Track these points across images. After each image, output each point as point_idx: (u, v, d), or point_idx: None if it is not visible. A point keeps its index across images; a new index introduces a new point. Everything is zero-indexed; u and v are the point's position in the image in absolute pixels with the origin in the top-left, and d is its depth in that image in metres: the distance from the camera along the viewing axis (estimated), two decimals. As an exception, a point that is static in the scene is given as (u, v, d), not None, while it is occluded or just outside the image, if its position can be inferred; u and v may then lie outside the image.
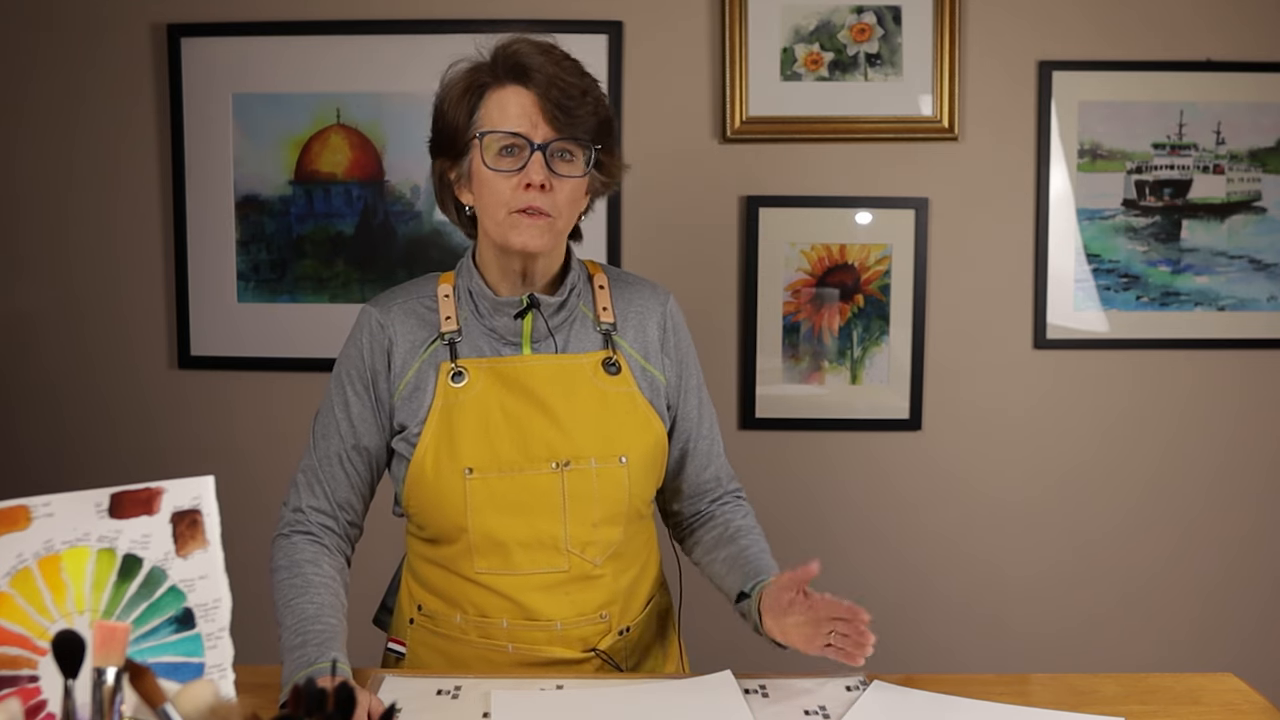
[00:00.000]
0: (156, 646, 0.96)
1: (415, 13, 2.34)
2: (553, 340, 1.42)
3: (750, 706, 1.26)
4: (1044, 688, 1.34)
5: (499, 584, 1.40)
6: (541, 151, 1.32)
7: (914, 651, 2.47)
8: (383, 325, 1.43)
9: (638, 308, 1.48)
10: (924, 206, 2.38)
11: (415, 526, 1.47)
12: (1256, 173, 2.39)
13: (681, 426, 1.50)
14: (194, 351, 2.44)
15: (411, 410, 1.41)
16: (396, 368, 1.42)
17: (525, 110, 1.32)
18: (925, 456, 2.45)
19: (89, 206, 2.44)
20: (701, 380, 1.54)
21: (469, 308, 1.43)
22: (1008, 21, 2.37)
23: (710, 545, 1.51)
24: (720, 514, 1.54)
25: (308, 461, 1.44)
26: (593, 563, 1.41)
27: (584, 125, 1.34)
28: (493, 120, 1.34)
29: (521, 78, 1.33)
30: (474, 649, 1.44)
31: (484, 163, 1.34)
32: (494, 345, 1.41)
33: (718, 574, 1.49)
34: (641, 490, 1.44)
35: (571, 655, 1.42)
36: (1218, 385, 2.44)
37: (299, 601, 1.34)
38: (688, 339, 1.53)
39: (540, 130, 1.32)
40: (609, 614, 1.44)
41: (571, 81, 1.33)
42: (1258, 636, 2.49)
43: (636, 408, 1.43)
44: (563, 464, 1.39)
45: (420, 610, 1.48)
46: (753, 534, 1.50)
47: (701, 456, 1.52)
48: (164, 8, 2.38)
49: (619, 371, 1.43)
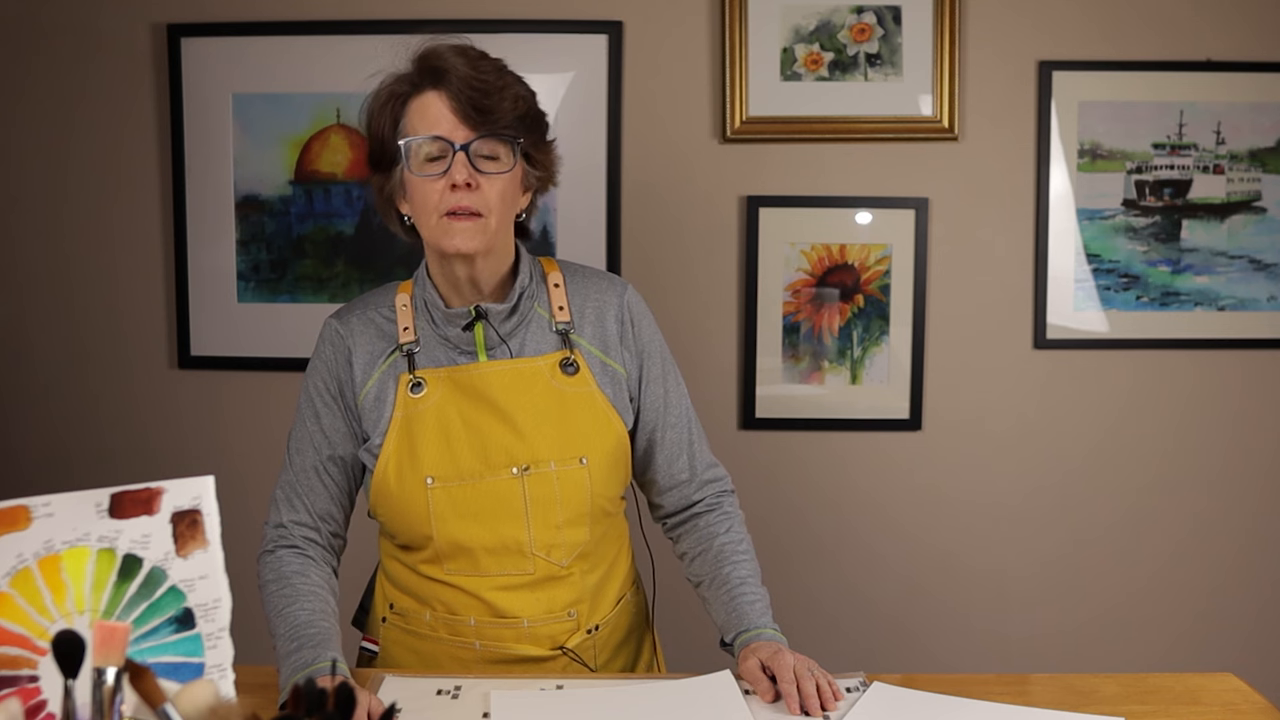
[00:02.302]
0: (156, 646, 0.96)
1: (415, 13, 2.34)
2: (507, 347, 1.42)
3: (750, 706, 1.26)
4: (1044, 688, 1.34)
5: (467, 584, 1.42)
6: (465, 151, 1.33)
7: (914, 651, 2.47)
8: (342, 335, 1.45)
9: (595, 301, 1.47)
10: (924, 206, 2.38)
11: (385, 531, 1.49)
12: (1256, 173, 2.39)
13: (646, 417, 1.49)
14: (194, 351, 2.44)
15: (373, 421, 1.42)
16: (358, 376, 1.43)
17: (443, 113, 1.34)
18: (925, 456, 2.45)
19: (89, 206, 2.44)
20: (670, 368, 1.52)
21: (425, 317, 1.44)
22: (1008, 21, 2.37)
23: (697, 567, 1.51)
24: (703, 524, 1.52)
25: (285, 477, 1.46)
26: (559, 564, 1.42)
27: (503, 121, 1.35)
28: (415, 128, 1.35)
29: (437, 82, 1.35)
30: (444, 646, 1.45)
31: (411, 170, 1.35)
32: (450, 355, 1.42)
33: (705, 601, 1.49)
34: (604, 489, 1.44)
35: (540, 653, 1.43)
36: (1218, 385, 2.44)
37: (290, 610, 1.35)
38: (650, 328, 1.51)
39: (460, 131, 1.34)
40: (577, 612, 1.44)
41: (487, 79, 1.35)
42: (1258, 636, 2.49)
43: (595, 407, 1.43)
44: (523, 469, 1.39)
45: (392, 608, 1.50)
46: (736, 555, 1.48)
47: (670, 446, 1.50)
48: (164, 8, 2.38)
49: (577, 371, 1.43)
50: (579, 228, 2.39)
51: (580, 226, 2.39)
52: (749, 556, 1.49)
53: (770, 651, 1.32)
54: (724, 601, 1.44)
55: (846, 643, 2.47)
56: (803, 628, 2.13)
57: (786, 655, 1.30)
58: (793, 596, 2.42)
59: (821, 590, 2.47)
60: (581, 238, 2.39)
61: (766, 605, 1.44)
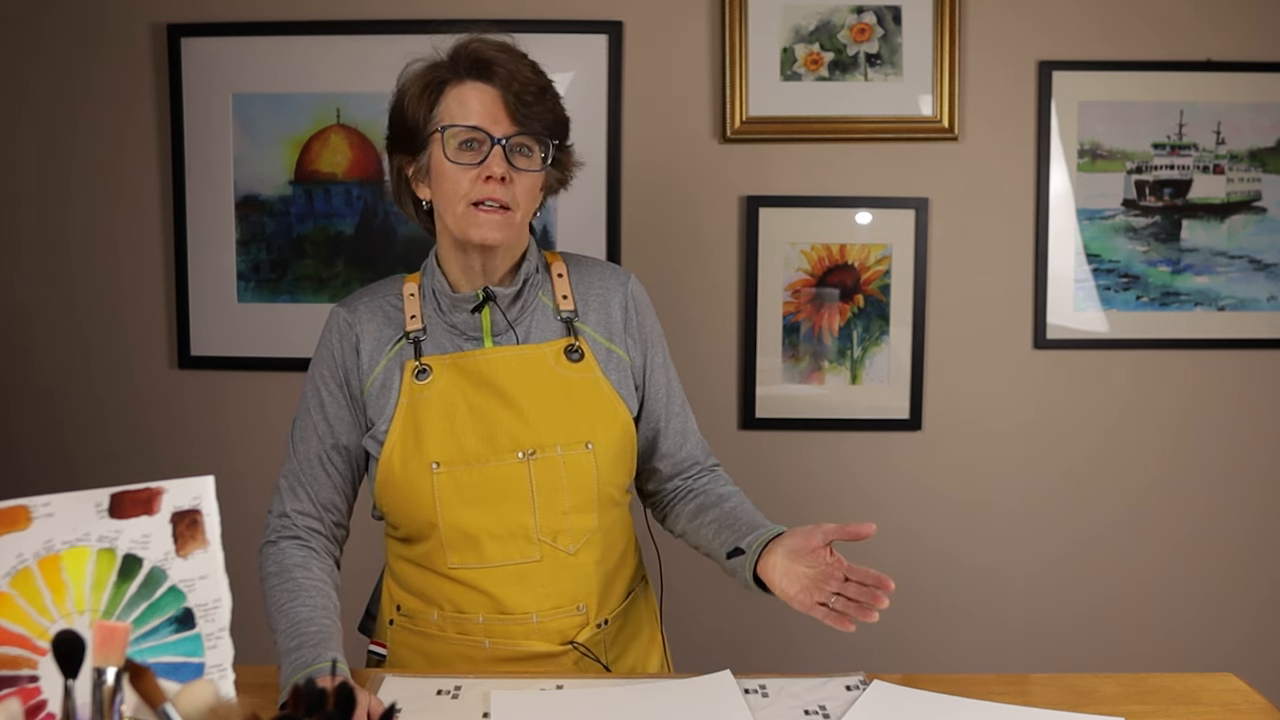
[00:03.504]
0: (156, 646, 0.96)
1: (415, 13, 2.35)
2: (513, 332, 1.43)
3: (750, 706, 1.26)
4: (1044, 688, 1.34)
5: (473, 578, 1.41)
6: (502, 145, 1.34)
7: (914, 651, 2.47)
8: (350, 324, 1.45)
9: (599, 289, 1.49)
10: (924, 206, 2.38)
11: (391, 526, 1.48)
12: (1256, 173, 2.39)
13: (651, 406, 1.50)
14: (194, 351, 2.44)
15: (379, 408, 1.42)
16: (365, 364, 1.44)
17: (486, 105, 1.35)
18: (925, 456, 2.45)
19: (89, 206, 2.44)
20: (668, 359, 1.53)
21: (432, 305, 1.44)
22: (1008, 21, 2.37)
23: (694, 513, 1.50)
24: (699, 485, 1.54)
25: (289, 466, 1.46)
26: (566, 550, 1.42)
27: (543, 121, 1.37)
28: (453, 115, 1.36)
29: (483, 74, 1.36)
30: (452, 646, 1.45)
31: (445, 156, 1.36)
32: (456, 341, 1.43)
33: (705, 537, 1.47)
34: (611, 475, 1.44)
35: (549, 649, 1.43)
36: (1218, 385, 2.44)
37: (291, 606, 1.35)
38: (652, 318, 1.52)
39: (501, 125, 1.35)
40: (586, 606, 1.44)
41: (531, 79, 1.37)
42: (1258, 636, 2.49)
43: (601, 393, 1.43)
44: (528, 453, 1.40)
45: (399, 610, 1.49)
46: (737, 497, 1.50)
47: (675, 435, 1.52)
48: (164, 8, 2.38)
49: (582, 358, 1.43)
50: (579, 227, 2.39)
51: (580, 226, 2.39)
52: (747, 500, 1.50)
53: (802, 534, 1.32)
54: (730, 523, 1.43)
55: (846, 642, 2.46)
56: (803, 627, 2.13)
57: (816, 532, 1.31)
58: (793, 596, 2.42)
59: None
60: (581, 237, 2.39)
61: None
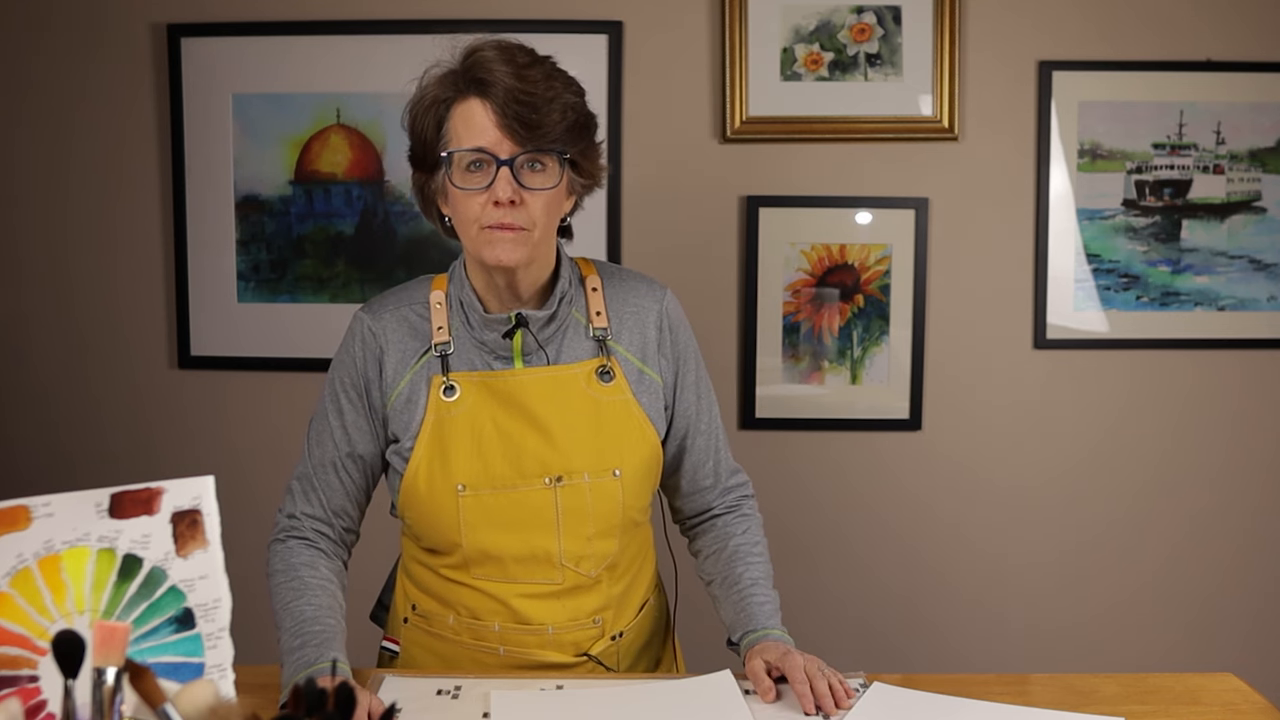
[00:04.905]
0: (156, 646, 0.96)
1: (415, 13, 2.35)
2: (544, 353, 1.39)
3: (750, 706, 1.26)
4: (1044, 688, 1.34)
5: (493, 589, 1.40)
6: (508, 166, 1.28)
7: (914, 651, 2.48)
8: (374, 333, 1.41)
9: (634, 307, 1.46)
10: (924, 206, 2.38)
11: (413, 535, 1.47)
12: (1256, 173, 2.39)
13: (678, 424, 1.48)
14: (194, 351, 2.44)
15: (404, 423, 1.39)
16: (389, 377, 1.40)
17: (487, 125, 1.28)
18: (925, 456, 2.45)
19: (89, 206, 2.44)
20: (702, 374, 1.51)
21: (460, 318, 1.40)
22: (1008, 21, 2.37)
23: (710, 565, 1.50)
24: (720, 525, 1.52)
25: (303, 468, 1.44)
26: (588, 575, 1.41)
27: (550, 134, 1.29)
28: (458, 136, 1.30)
29: (483, 90, 1.28)
30: (466, 650, 1.44)
31: (452, 182, 1.31)
32: (485, 359, 1.39)
33: (714, 600, 1.49)
34: (635, 501, 1.43)
35: (563, 659, 1.42)
36: (1218, 385, 2.44)
37: (296, 604, 1.34)
38: (686, 333, 1.50)
39: (504, 145, 1.28)
40: (602, 619, 1.44)
41: (534, 91, 1.28)
42: (1257, 637, 2.49)
43: (631, 416, 1.41)
44: (555, 479, 1.37)
45: (414, 610, 1.48)
46: (750, 556, 1.47)
47: (699, 452, 1.50)
48: (164, 8, 2.38)
49: (613, 379, 1.41)
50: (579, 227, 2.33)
51: (580, 226, 2.36)
52: (763, 559, 1.48)
53: (779, 652, 1.31)
54: (734, 601, 1.44)
55: (847, 642, 2.47)
56: (803, 627, 2.13)
57: (796, 656, 1.29)
58: (793, 596, 2.41)
59: (821, 590, 2.47)
60: (582, 237, 2.37)
61: (776, 608, 1.43)
